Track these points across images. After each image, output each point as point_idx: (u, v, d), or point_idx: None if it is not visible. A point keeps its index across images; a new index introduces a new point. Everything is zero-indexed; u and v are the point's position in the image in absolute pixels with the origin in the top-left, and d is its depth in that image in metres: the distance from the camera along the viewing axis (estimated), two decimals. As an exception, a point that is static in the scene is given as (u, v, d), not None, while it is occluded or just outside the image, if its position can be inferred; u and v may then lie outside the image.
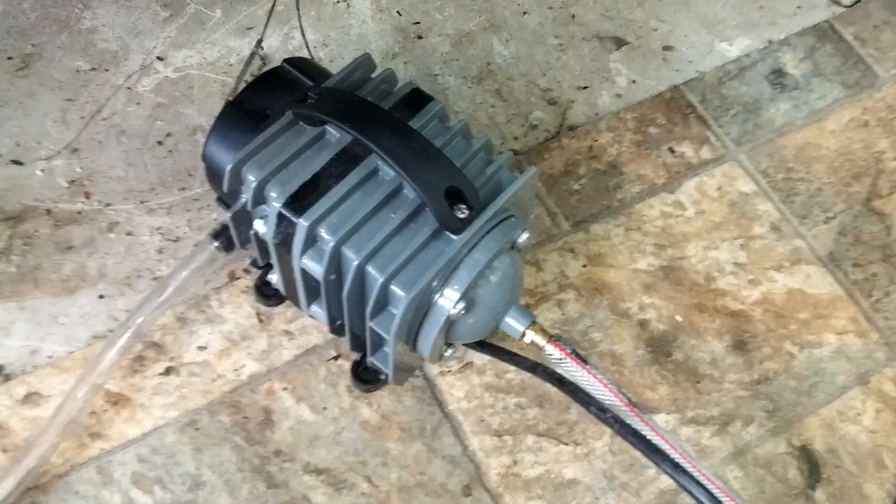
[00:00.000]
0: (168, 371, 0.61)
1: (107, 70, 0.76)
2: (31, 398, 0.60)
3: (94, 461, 0.58)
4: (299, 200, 0.51)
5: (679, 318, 0.68)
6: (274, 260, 0.55)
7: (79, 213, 0.68)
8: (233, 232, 0.56)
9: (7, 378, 0.60)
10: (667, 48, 0.84)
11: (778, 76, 0.83)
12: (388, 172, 0.51)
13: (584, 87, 0.81)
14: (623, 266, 0.70)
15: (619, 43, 0.84)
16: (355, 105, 0.52)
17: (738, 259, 0.71)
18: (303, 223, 0.50)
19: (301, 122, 0.53)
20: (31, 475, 0.55)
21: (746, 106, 0.80)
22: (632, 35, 0.85)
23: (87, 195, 0.69)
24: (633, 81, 0.82)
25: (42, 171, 0.70)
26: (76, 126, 0.72)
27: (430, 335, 0.52)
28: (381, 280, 0.49)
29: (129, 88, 0.75)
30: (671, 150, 0.77)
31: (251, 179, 0.52)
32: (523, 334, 0.54)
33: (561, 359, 0.54)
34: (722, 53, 0.84)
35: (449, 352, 0.57)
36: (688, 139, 0.78)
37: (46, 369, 0.61)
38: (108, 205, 0.68)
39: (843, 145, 0.78)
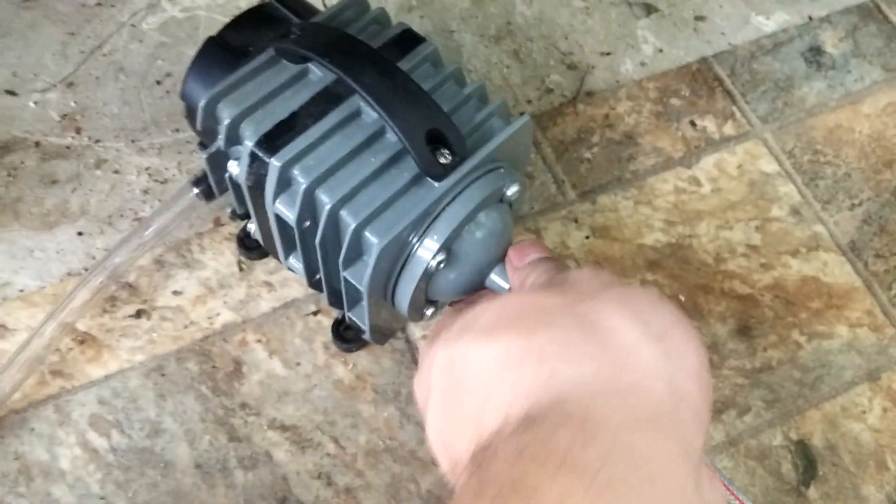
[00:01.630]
0: (139, 314, 0.59)
1: (112, 6, 0.74)
2: (-3, 330, 0.58)
3: (53, 399, 0.56)
4: (273, 140, 0.47)
5: (682, 298, 0.64)
6: (249, 206, 0.52)
7: (67, 147, 0.66)
8: (209, 176, 0.53)
9: (-23, 309, 0.59)
10: (699, 18, 0.80)
11: (815, 54, 0.77)
12: (370, 115, 0.48)
13: (607, 54, 0.77)
14: (628, 240, 0.66)
15: (650, 10, 0.80)
16: (339, 40, 0.48)
17: (752, 241, 0.67)
18: (275, 163, 0.46)
19: (283, 60, 0.50)
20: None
21: (778, 83, 0.76)
22: (663, 2, 0.80)
23: (78, 130, 0.67)
24: (660, 50, 0.77)
25: (35, 103, 0.68)
26: (75, 60, 0.70)
27: (408, 288, 0.49)
28: (353, 225, 0.46)
29: (132, 26, 0.73)
30: (692, 124, 0.73)
31: (225, 117, 0.49)
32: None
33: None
34: (757, 27, 0.79)
35: (431, 311, 0.54)
36: (711, 113, 0.73)
37: (16, 302, 0.59)
38: (98, 141, 0.67)
39: (877, 130, 0.73)
